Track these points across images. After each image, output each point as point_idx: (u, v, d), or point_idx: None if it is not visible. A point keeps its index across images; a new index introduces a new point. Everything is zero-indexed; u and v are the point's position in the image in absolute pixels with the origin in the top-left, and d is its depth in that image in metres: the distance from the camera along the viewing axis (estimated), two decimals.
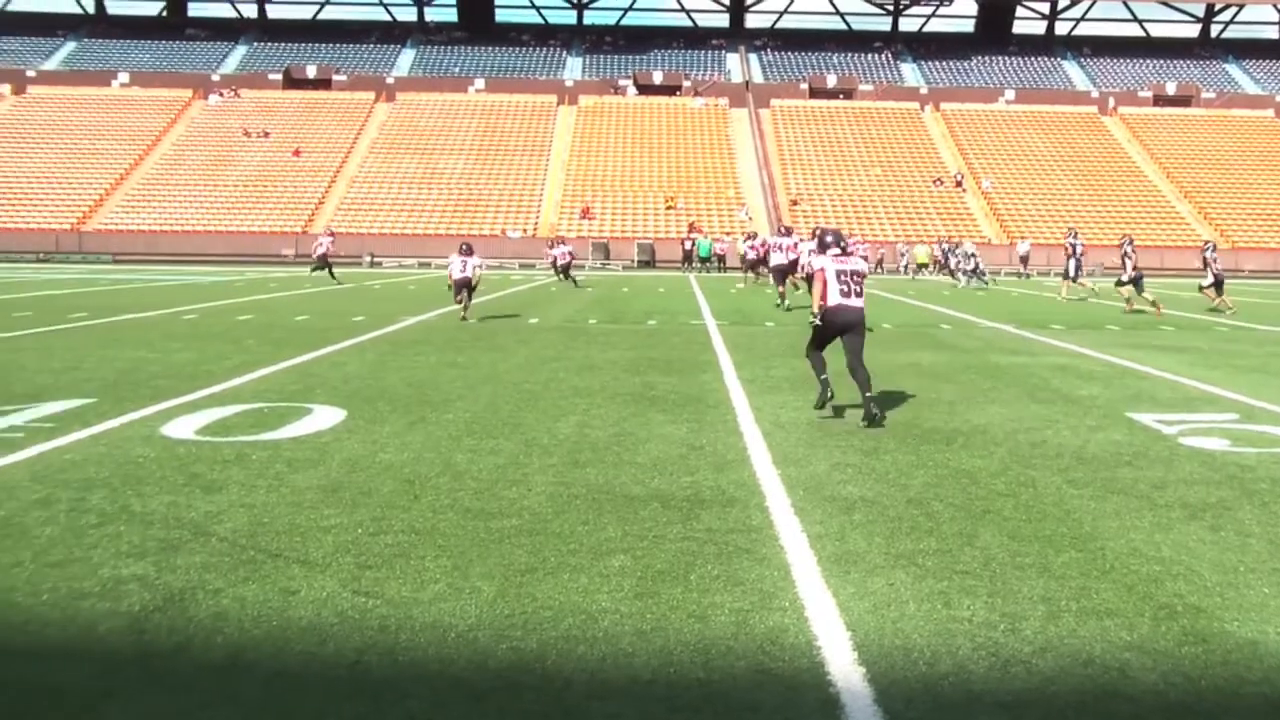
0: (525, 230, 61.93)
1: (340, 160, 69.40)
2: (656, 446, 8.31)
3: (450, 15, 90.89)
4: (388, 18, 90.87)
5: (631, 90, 79.89)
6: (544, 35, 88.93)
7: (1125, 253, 24.38)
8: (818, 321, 9.77)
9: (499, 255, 58.01)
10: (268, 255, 58.43)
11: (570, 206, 64.14)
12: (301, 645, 4.27)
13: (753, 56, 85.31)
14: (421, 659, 4.17)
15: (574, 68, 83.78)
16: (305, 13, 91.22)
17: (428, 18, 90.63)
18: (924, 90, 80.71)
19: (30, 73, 79.09)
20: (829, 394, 9.80)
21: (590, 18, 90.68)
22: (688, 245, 55.38)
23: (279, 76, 79.86)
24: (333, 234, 40.13)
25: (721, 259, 54.36)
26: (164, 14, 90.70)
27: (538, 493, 6.78)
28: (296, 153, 69.27)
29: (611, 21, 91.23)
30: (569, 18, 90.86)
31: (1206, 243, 28.35)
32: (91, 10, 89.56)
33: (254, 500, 6.47)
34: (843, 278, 9.73)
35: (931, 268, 52.79)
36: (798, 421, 9.57)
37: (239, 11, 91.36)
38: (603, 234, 60.83)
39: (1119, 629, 4.59)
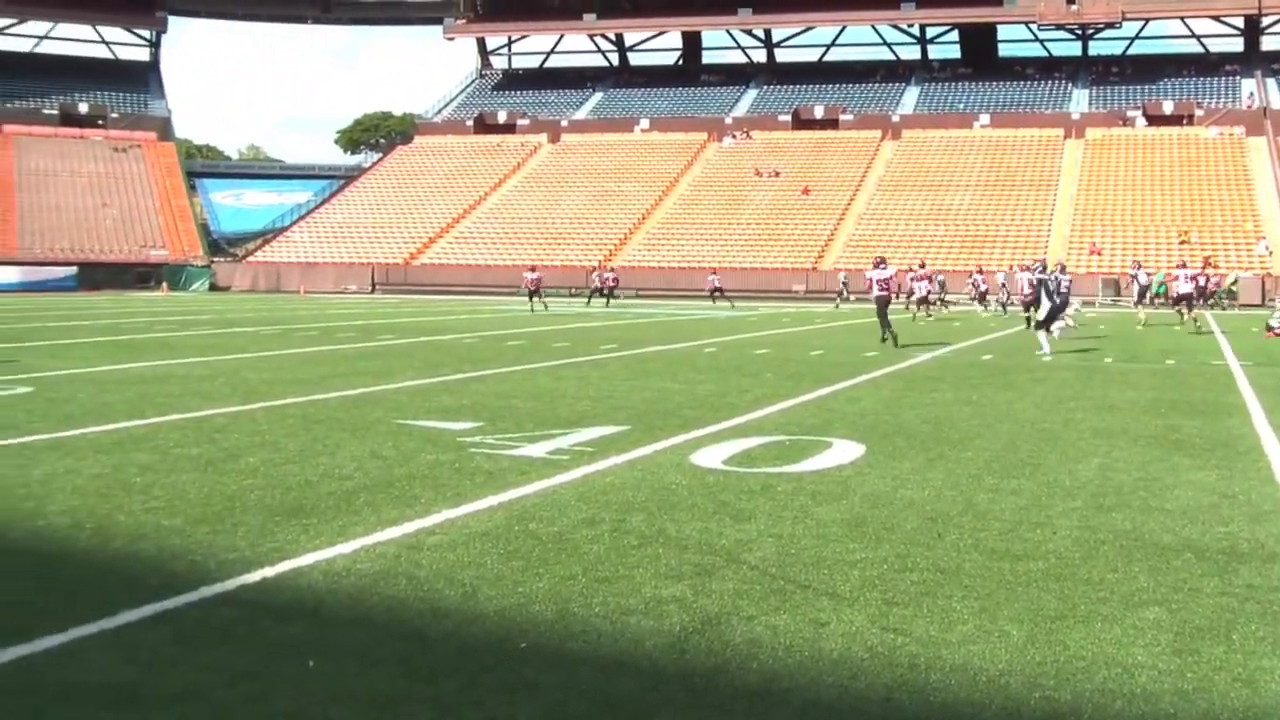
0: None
1: (848, 198, 70.28)
2: (1185, 493, 7.87)
3: (953, 52, 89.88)
4: (892, 57, 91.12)
5: (1140, 121, 75.25)
6: (1048, 68, 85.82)
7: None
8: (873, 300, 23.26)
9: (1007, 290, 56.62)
10: (779, 291, 59.97)
11: (1079, 241, 61.63)
12: (833, 677, 4.32)
13: (1270, 81, 77.97)
14: (952, 701, 4.11)
15: (1080, 100, 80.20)
16: (812, 55, 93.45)
17: (931, 55, 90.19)
18: None
19: (564, 122, 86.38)
20: (885, 338, 22.63)
21: (1095, 48, 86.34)
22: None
23: (788, 117, 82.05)
24: (928, 276, 37.96)
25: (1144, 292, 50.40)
26: (680, 63, 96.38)
27: (1062, 536, 6.57)
28: (805, 191, 70.91)
29: (1118, 51, 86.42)
30: (1074, 49, 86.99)
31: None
32: (616, 63, 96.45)
33: (781, 531, 6.65)
34: (879, 282, 23.05)
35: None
36: None
37: (749, 57, 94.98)
38: (1111, 270, 57.85)
39: None
